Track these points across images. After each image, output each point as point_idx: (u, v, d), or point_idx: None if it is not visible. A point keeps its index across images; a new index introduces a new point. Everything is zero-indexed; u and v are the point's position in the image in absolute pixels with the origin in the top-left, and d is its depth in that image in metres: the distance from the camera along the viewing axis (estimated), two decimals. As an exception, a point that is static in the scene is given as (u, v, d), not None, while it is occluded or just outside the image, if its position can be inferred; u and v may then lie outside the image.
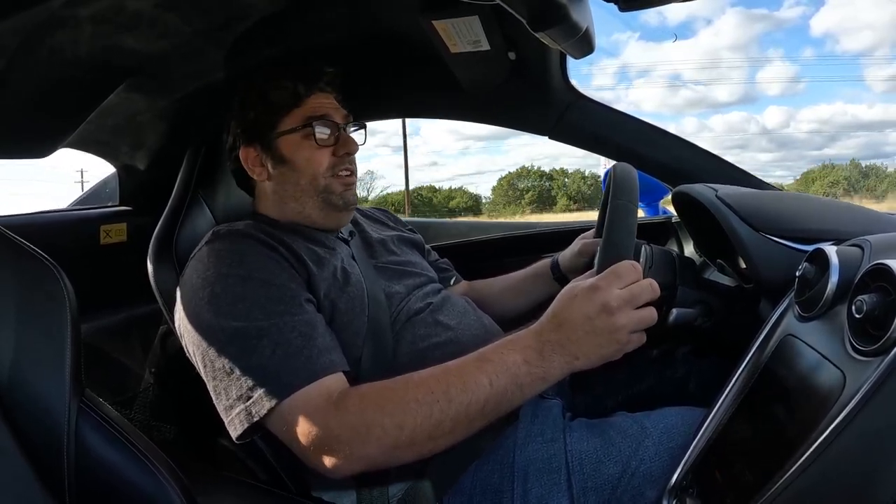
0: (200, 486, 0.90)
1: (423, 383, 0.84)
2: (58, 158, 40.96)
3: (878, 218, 1.05)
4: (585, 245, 1.35)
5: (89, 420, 0.72)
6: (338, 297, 1.03)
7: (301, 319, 0.93)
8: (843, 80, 79.12)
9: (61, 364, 0.71)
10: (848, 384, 0.63)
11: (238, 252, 0.99)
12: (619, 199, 0.94)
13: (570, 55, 1.11)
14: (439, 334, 1.10)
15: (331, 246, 1.14)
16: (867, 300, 0.65)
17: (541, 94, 1.58)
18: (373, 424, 0.81)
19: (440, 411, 0.81)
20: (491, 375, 0.82)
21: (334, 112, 1.17)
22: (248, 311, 0.91)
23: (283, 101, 1.15)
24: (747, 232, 1.00)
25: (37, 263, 0.74)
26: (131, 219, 1.70)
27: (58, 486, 0.69)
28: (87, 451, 0.71)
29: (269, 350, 0.87)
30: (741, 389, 0.83)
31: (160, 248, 1.21)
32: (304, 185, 1.14)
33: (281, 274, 0.97)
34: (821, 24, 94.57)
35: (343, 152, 1.16)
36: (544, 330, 0.85)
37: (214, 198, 1.36)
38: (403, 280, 1.21)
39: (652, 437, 0.95)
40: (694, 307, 1.09)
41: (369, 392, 0.86)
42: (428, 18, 1.17)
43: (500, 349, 0.85)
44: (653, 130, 1.64)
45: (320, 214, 1.16)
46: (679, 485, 0.81)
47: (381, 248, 1.29)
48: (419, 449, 0.83)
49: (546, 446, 0.99)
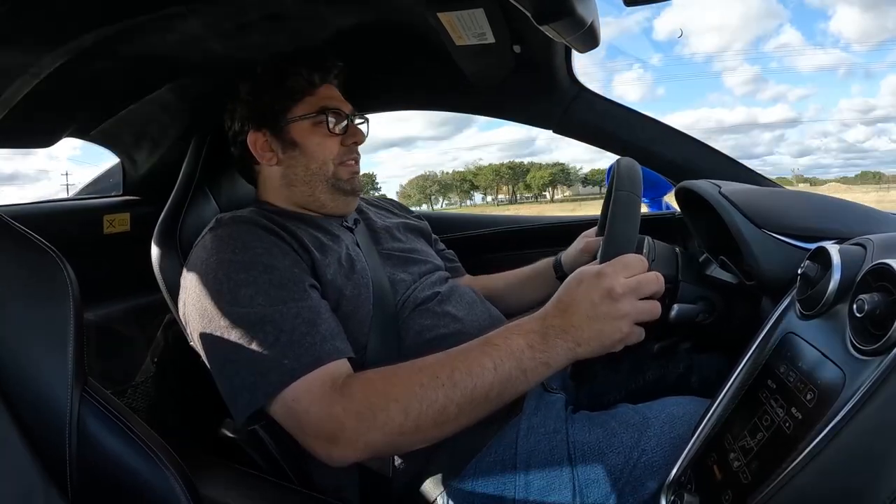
0: (202, 474, 0.91)
1: (428, 368, 0.84)
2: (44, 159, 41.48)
3: (881, 217, 1.05)
4: (588, 243, 1.36)
5: (91, 408, 0.73)
6: (343, 284, 1.04)
7: (305, 305, 0.93)
8: (701, 79, 79.44)
9: (64, 353, 0.72)
10: (848, 383, 0.63)
11: (241, 238, 0.99)
12: (622, 190, 0.94)
13: (574, 49, 1.11)
14: (447, 325, 1.10)
15: (335, 233, 1.15)
16: (868, 299, 0.64)
17: (546, 88, 1.58)
18: (378, 410, 0.81)
19: (445, 396, 0.81)
20: (495, 359, 0.82)
21: (343, 104, 1.21)
22: (251, 297, 0.91)
23: (298, 87, 1.18)
24: (750, 229, 1.00)
25: (40, 253, 0.74)
26: (135, 208, 1.71)
27: (60, 473, 0.69)
28: (89, 439, 0.72)
29: (273, 336, 0.87)
30: (741, 386, 0.83)
31: (164, 236, 1.21)
32: (315, 169, 1.17)
33: (284, 260, 0.98)
34: (664, 26, 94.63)
35: (351, 142, 1.20)
36: (548, 315, 0.85)
37: (219, 187, 1.36)
38: (409, 267, 1.21)
39: (654, 428, 0.96)
40: (696, 303, 1.09)
41: (374, 378, 0.86)
42: (434, 11, 1.17)
43: (505, 334, 0.85)
44: (657, 126, 1.63)
45: (329, 198, 1.18)
46: (677, 480, 0.81)
47: (386, 235, 1.29)
48: (424, 435, 0.83)
49: (548, 437, 0.99)
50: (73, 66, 1.07)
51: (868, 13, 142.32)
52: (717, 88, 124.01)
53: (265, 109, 1.18)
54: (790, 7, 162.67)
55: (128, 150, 1.67)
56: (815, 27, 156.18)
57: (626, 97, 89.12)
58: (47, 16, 0.93)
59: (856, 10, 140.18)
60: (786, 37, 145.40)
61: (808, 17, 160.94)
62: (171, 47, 1.19)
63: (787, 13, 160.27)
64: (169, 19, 1.08)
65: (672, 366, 1.30)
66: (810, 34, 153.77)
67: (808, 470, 0.60)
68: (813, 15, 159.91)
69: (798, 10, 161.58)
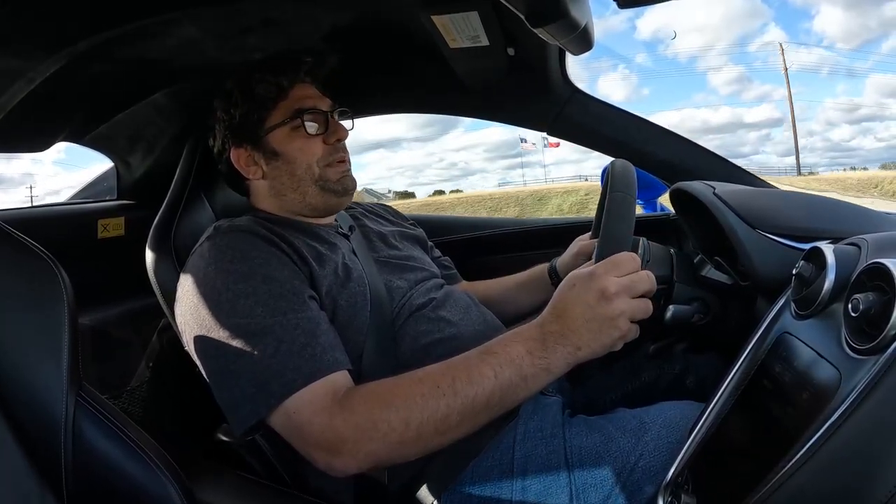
0: (197, 480, 0.91)
1: (429, 378, 0.84)
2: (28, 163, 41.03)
3: (875, 217, 1.05)
4: (583, 246, 1.35)
5: (87, 414, 0.73)
6: (339, 293, 1.03)
7: (305, 316, 0.92)
8: (685, 80, 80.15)
9: (59, 358, 0.71)
10: (844, 382, 0.63)
11: (240, 248, 0.98)
12: (616, 191, 0.94)
13: (568, 51, 1.11)
14: (442, 330, 1.09)
15: (331, 241, 1.14)
16: (863, 299, 0.65)
17: (540, 90, 1.58)
18: (379, 421, 0.81)
19: (447, 405, 0.81)
20: (496, 367, 0.82)
21: (319, 101, 1.18)
22: (251, 308, 0.90)
23: (268, 94, 1.15)
24: (745, 229, 1.00)
25: (34, 257, 0.74)
26: (129, 213, 1.70)
27: (55, 478, 0.69)
28: (85, 444, 0.72)
29: (273, 348, 0.87)
30: (737, 386, 0.83)
31: (159, 241, 1.21)
32: (301, 174, 1.15)
33: (283, 271, 0.97)
34: (647, 25, 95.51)
35: (334, 139, 1.17)
36: (546, 321, 0.85)
37: (214, 191, 1.36)
38: (405, 274, 1.21)
39: (651, 433, 0.96)
40: (691, 304, 1.09)
41: (375, 389, 0.86)
42: (427, 13, 1.17)
43: (504, 342, 0.85)
44: (651, 127, 1.64)
45: (321, 200, 1.17)
46: (675, 481, 0.81)
47: (382, 243, 1.29)
48: (426, 444, 0.83)
49: (545, 442, 0.99)
50: (68, 70, 1.06)
51: (850, 12, 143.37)
52: (701, 88, 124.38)
53: (241, 124, 1.16)
54: (774, 6, 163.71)
55: (122, 154, 1.66)
56: (798, 26, 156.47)
57: (611, 98, 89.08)
58: (44, 20, 0.92)
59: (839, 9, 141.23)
60: (770, 36, 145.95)
61: (792, 16, 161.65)
62: (167, 51, 1.19)
63: (772, 12, 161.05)
64: (165, 24, 1.08)
65: (667, 367, 1.30)
66: (794, 33, 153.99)
67: (805, 469, 0.60)
68: (797, 14, 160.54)
69: (782, 9, 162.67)
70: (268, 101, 1.15)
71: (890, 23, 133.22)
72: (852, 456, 0.59)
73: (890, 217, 1.10)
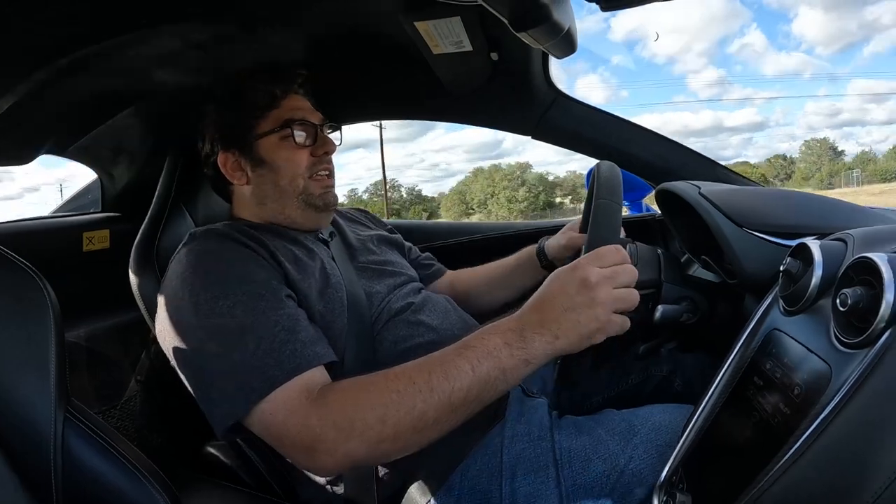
0: (188, 492, 0.90)
1: (404, 374, 0.83)
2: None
3: (860, 211, 1.07)
4: (571, 239, 1.35)
5: (76, 429, 0.72)
6: (317, 299, 1.03)
7: (284, 314, 0.92)
8: (665, 81, 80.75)
9: (46, 373, 0.71)
10: (834, 376, 0.64)
11: (216, 251, 0.99)
12: (602, 198, 0.95)
13: (552, 55, 1.11)
14: (422, 335, 1.10)
15: (310, 247, 1.14)
16: (851, 293, 0.65)
17: (523, 94, 1.59)
18: (354, 419, 0.80)
19: (423, 401, 0.80)
20: (472, 361, 0.81)
21: (310, 114, 1.19)
22: (230, 308, 0.90)
23: (260, 103, 1.16)
24: (731, 228, 1.01)
25: (19, 271, 0.73)
26: (114, 225, 1.69)
27: (45, 495, 0.68)
28: (75, 460, 0.71)
29: (254, 345, 0.87)
30: (728, 384, 0.84)
31: (142, 256, 1.20)
32: (284, 185, 1.14)
33: (260, 272, 0.97)
34: (622, 26, 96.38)
35: (322, 152, 1.17)
36: (525, 313, 0.85)
37: (195, 205, 1.35)
38: (384, 279, 1.21)
39: (640, 435, 0.96)
40: (679, 303, 1.09)
41: (349, 387, 0.85)
42: (410, 19, 1.16)
43: (482, 335, 0.84)
44: (634, 128, 1.65)
45: (301, 214, 1.16)
46: (669, 480, 0.81)
47: (362, 249, 1.29)
48: (405, 442, 0.81)
49: (533, 445, 0.99)
50: (48, 84, 1.05)
51: (830, 14, 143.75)
52: (681, 90, 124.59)
53: (231, 129, 1.16)
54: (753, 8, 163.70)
55: (105, 166, 1.65)
56: (777, 29, 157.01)
57: (589, 100, 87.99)
58: (23, 36, 0.92)
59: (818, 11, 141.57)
60: (750, 38, 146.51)
61: (772, 19, 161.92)
62: (147, 62, 1.18)
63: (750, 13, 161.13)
64: (144, 37, 1.07)
65: (656, 368, 1.30)
66: (773, 36, 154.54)
67: (799, 464, 0.61)
68: (776, 17, 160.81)
69: (760, 11, 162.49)
70: (260, 109, 1.15)
71: (871, 26, 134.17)
72: (845, 450, 0.59)
73: (875, 211, 1.11)
